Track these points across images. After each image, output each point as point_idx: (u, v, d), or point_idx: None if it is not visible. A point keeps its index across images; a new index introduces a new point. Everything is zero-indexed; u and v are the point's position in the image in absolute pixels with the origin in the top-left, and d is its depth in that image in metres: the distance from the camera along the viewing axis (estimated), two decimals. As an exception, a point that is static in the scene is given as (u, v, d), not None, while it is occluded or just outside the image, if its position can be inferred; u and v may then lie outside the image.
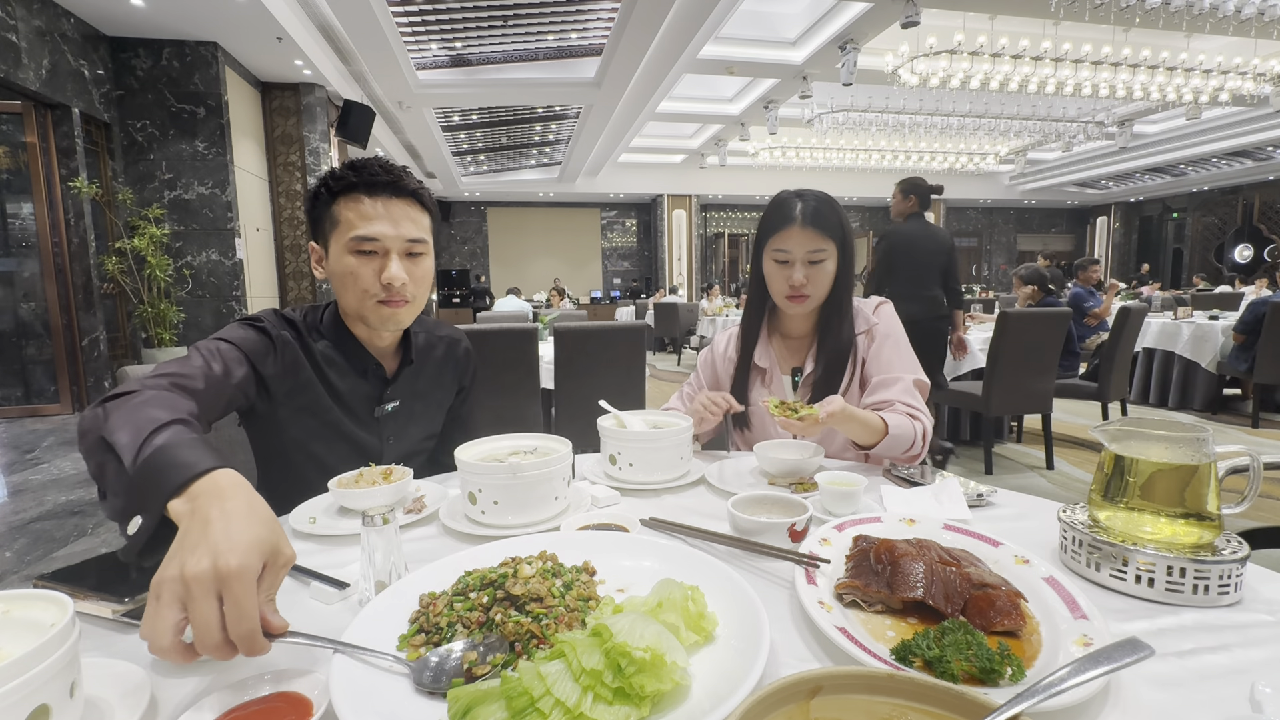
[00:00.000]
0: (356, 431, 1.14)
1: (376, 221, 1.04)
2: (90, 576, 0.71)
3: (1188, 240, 15.50)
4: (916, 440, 1.19)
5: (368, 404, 1.16)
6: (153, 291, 5.77)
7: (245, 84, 6.83)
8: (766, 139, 10.95)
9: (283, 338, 1.07)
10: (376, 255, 1.06)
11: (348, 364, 1.13)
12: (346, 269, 1.05)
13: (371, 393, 1.16)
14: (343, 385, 1.13)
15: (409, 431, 1.22)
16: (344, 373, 1.13)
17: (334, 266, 1.07)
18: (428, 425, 1.27)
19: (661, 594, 0.56)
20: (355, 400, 1.14)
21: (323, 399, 1.11)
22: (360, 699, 0.48)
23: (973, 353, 3.97)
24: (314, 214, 1.09)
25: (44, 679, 0.43)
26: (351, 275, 1.05)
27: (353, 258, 1.05)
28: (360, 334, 1.14)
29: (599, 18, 6.44)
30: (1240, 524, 0.90)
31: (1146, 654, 0.45)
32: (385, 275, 1.05)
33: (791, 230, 1.27)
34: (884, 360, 1.30)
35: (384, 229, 1.05)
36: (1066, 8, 5.98)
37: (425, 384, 1.24)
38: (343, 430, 1.13)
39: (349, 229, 1.04)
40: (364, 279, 1.05)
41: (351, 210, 1.04)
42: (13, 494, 3.44)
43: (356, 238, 1.04)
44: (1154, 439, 0.70)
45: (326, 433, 1.12)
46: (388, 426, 1.18)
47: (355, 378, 1.14)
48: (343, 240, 1.05)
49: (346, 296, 1.08)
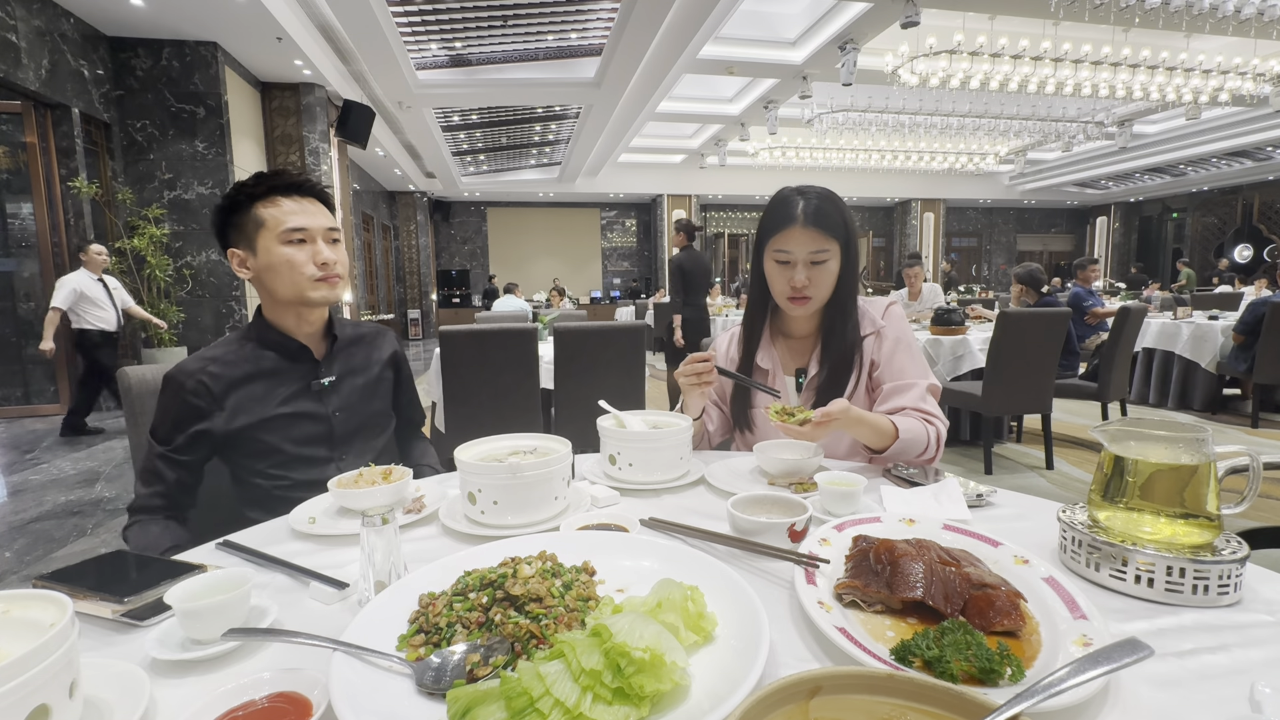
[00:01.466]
0: (300, 404, 1.22)
1: (299, 215, 1.19)
2: (90, 576, 0.71)
3: (1188, 240, 15.50)
4: (930, 444, 1.18)
5: (304, 381, 1.24)
6: (152, 291, 5.77)
7: (245, 84, 6.83)
8: (766, 139, 10.96)
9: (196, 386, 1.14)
10: (306, 243, 1.19)
11: (278, 355, 1.22)
12: (283, 258, 1.17)
13: (307, 371, 1.25)
14: (278, 372, 1.22)
15: (355, 405, 1.29)
16: (275, 362, 1.22)
17: (267, 260, 1.17)
18: (369, 398, 1.33)
19: (661, 594, 0.56)
20: (291, 380, 1.23)
21: (262, 395, 1.19)
22: (360, 699, 0.48)
23: (973, 353, 3.97)
24: (230, 221, 1.20)
25: (43, 679, 0.43)
26: (288, 263, 1.17)
27: (286, 248, 1.17)
28: (287, 325, 1.23)
29: (599, 18, 6.45)
30: (1240, 524, 0.90)
31: (1146, 654, 0.45)
32: (321, 257, 1.19)
33: (793, 230, 1.25)
34: (897, 366, 1.28)
35: (307, 220, 1.19)
36: (1066, 8, 5.98)
37: (358, 362, 1.34)
38: (289, 410, 1.20)
39: (277, 225, 1.17)
40: (300, 263, 1.18)
41: (274, 209, 1.18)
42: (13, 494, 3.44)
43: (289, 229, 1.17)
44: (1154, 439, 0.70)
45: (276, 418, 1.19)
46: (331, 400, 1.25)
47: (287, 363, 1.23)
48: (273, 234, 1.17)
49: (283, 284, 1.18)
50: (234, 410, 1.16)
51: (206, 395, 1.14)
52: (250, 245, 1.18)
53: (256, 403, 1.18)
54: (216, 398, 1.15)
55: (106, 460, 4.12)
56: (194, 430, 1.13)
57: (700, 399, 1.33)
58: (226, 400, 1.15)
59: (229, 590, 0.62)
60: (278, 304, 1.22)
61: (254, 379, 1.19)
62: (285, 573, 0.77)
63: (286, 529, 0.92)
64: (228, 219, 1.20)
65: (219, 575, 0.65)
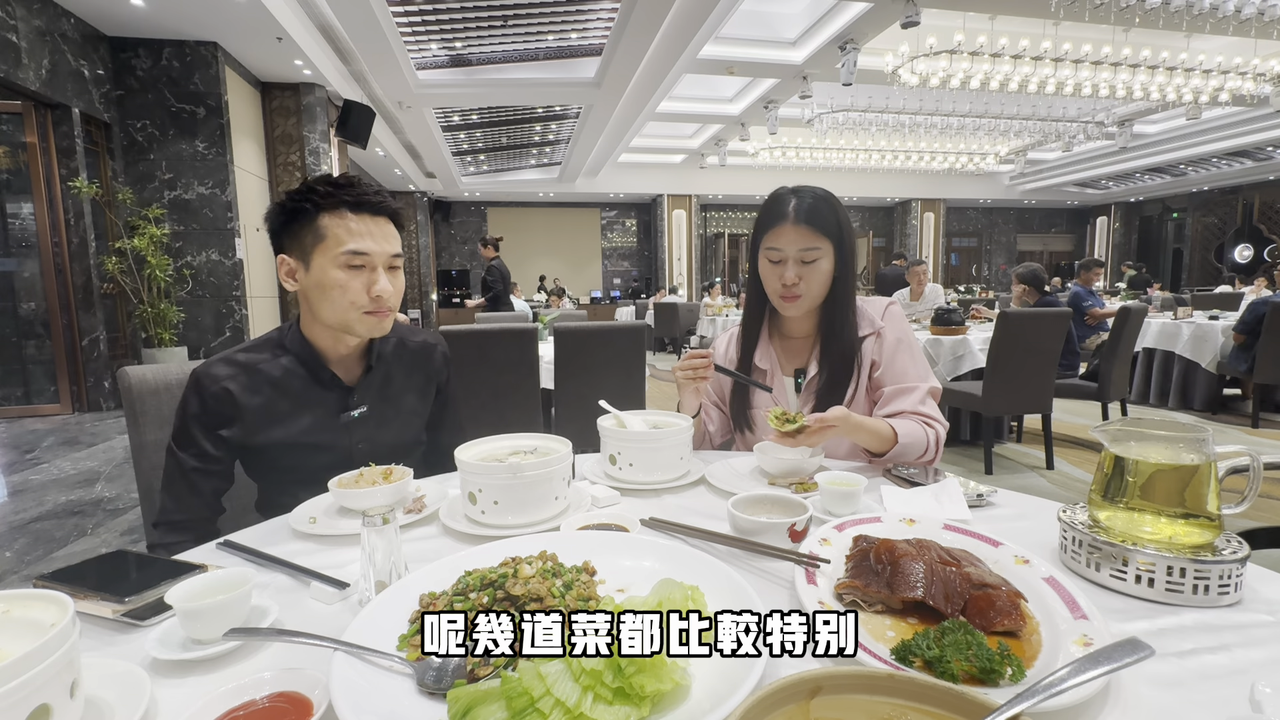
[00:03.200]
0: (323, 438, 1.16)
1: (365, 238, 1.09)
2: (90, 576, 0.71)
3: (1188, 240, 15.50)
4: (930, 448, 1.19)
5: (333, 411, 1.17)
6: (153, 291, 5.77)
7: (245, 84, 6.83)
8: (766, 139, 10.95)
9: (220, 392, 1.09)
10: (364, 269, 1.10)
11: (310, 376, 1.16)
12: (335, 282, 1.08)
13: (337, 401, 1.18)
14: (306, 397, 1.15)
15: (379, 436, 1.22)
16: (307, 384, 1.16)
17: (318, 279, 1.09)
18: (400, 431, 1.26)
19: (661, 594, 0.56)
20: (321, 409, 1.16)
21: (286, 415, 1.13)
22: (360, 699, 0.48)
23: (973, 352, 3.97)
24: (288, 226, 1.10)
25: (44, 679, 0.43)
26: (340, 288, 1.08)
27: (342, 271, 1.08)
28: (323, 344, 1.16)
29: (599, 18, 6.44)
30: (1240, 524, 0.90)
31: (1146, 654, 0.45)
32: (376, 288, 1.10)
33: (784, 228, 1.25)
34: (898, 369, 1.28)
35: (372, 245, 1.10)
36: (1066, 8, 5.98)
37: (395, 389, 1.25)
38: (310, 440, 1.15)
39: (338, 244, 1.07)
40: (352, 291, 1.09)
41: (339, 226, 1.08)
42: (13, 494, 3.44)
43: (349, 251, 1.08)
44: (1154, 439, 0.70)
45: (296, 445, 1.14)
46: (357, 431, 1.19)
47: (319, 389, 1.16)
48: (331, 254, 1.08)
49: (329, 308, 1.10)
50: (253, 427, 1.11)
51: (230, 404, 1.09)
52: (304, 258, 1.10)
53: (278, 425, 1.12)
54: (240, 409, 1.10)
55: (107, 460, 4.11)
56: (219, 434, 1.09)
57: (695, 396, 1.33)
58: (247, 415, 1.10)
59: (230, 590, 0.62)
60: (317, 323, 1.14)
61: (280, 398, 1.13)
62: (286, 572, 0.77)
63: (287, 529, 0.92)
64: (288, 223, 1.10)
65: (219, 575, 0.65)
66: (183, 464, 1.08)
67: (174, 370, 1.31)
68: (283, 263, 1.12)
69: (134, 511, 3.13)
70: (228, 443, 1.11)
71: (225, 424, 1.10)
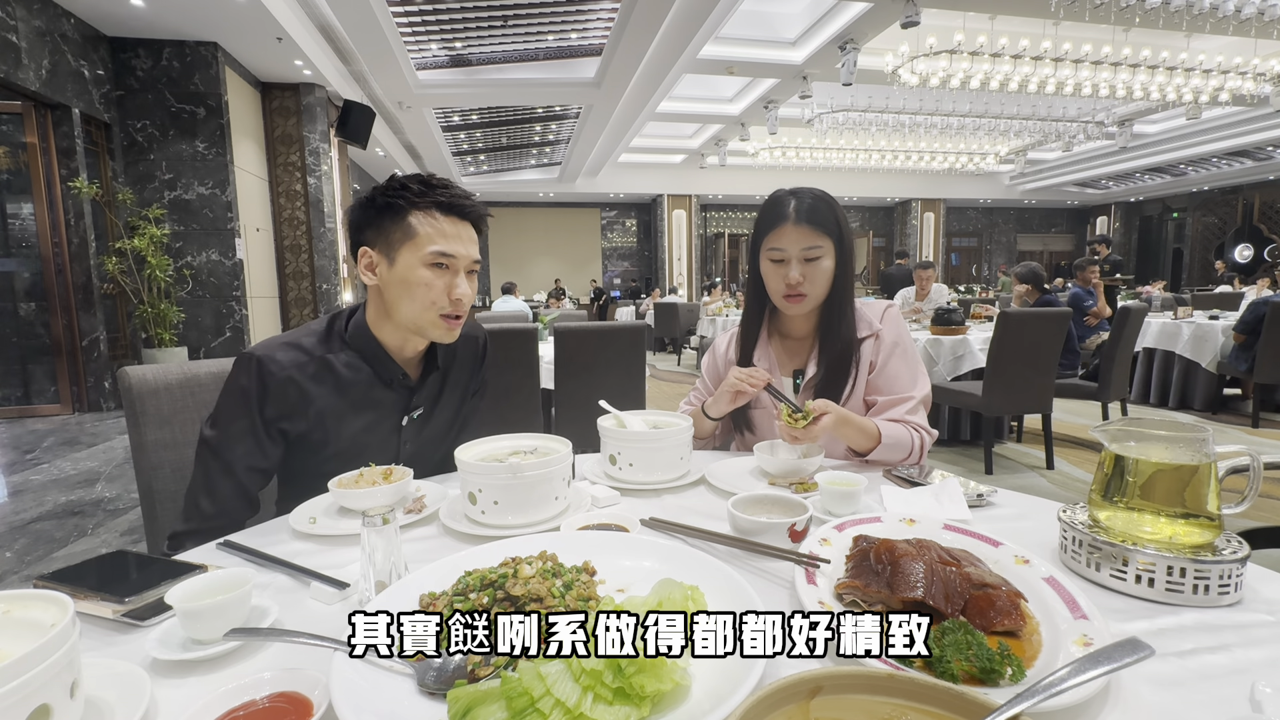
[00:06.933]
0: (375, 439, 1.14)
1: (454, 240, 1.09)
2: (90, 576, 0.71)
3: (1188, 240, 15.50)
4: (914, 451, 1.21)
5: (394, 414, 1.16)
6: (153, 292, 5.77)
7: (245, 84, 6.83)
8: (766, 139, 10.96)
9: (286, 381, 1.05)
10: (447, 271, 1.09)
11: (374, 374, 1.13)
12: (420, 280, 1.07)
13: (398, 402, 1.16)
14: (368, 396, 1.13)
15: (423, 436, 1.22)
16: (370, 383, 1.13)
17: (403, 275, 1.07)
18: (442, 430, 1.27)
19: (661, 594, 0.56)
20: (379, 410, 1.14)
21: (345, 413, 1.11)
22: (360, 699, 0.48)
23: (973, 352, 3.97)
24: (376, 221, 1.09)
25: (44, 679, 0.43)
26: (425, 286, 1.08)
27: (428, 270, 1.08)
28: (390, 342, 1.14)
29: (599, 18, 6.45)
30: (1240, 524, 0.90)
31: (1146, 654, 0.45)
32: (457, 292, 1.10)
33: (785, 228, 1.26)
34: (891, 374, 1.29)
35: (459, 248, 1.10)
36: (1066, 8, 5.98)
37: (449, 389, 1.25)
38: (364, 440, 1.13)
39: (428, 242, 1.07)
40: (435, 291, 1.08)
41: (429, 225, 1.07)
42: (13, 494, 3.44)
43: (437, 251, 1.07)
44: (1154, 439, 0.70)
45: (350, 445, 1.12)
46: (409, 435, 1.18)
47: (381, 388, 1.14)
48: (420, 252, 1.07)
49: (409, 305, 1.09)
50: (317, 422, 1.08)
51: (298, 395, 1.06)
52: (389, 253, 1.08)
53: (336, 424, 1.09)
54: (309, 401, 1.06)
55: (107, 460, 4.11)
56: (280, 428, 1.05)
57: (730, 405, 1.32)
58: (312, 409, 1.07)
59: (230, 590, 0.62)
60: (389, 321, 1.12)
61: (340, 394, 1.10)
62: (286, 573, 0.77)
63: (287, 529, 0.92)
64: (376, 217, 1.09)
65: (220, 575, 0.65)
66: (231, 463, 1.02)
67: (174, 370, 1.29)
68: (364, 255, 1.11)
69: (134, 512, 3.13)
70: (286, 437, 1.07)
71: (287, 416, 1.06)
